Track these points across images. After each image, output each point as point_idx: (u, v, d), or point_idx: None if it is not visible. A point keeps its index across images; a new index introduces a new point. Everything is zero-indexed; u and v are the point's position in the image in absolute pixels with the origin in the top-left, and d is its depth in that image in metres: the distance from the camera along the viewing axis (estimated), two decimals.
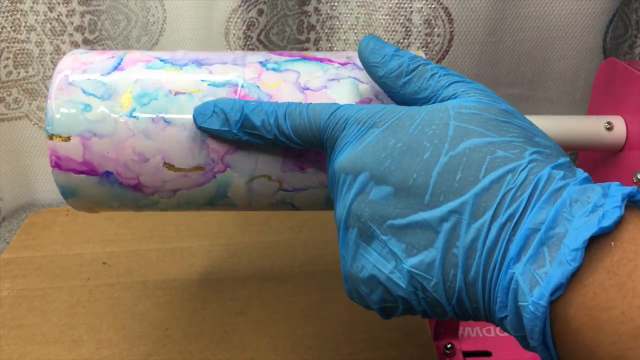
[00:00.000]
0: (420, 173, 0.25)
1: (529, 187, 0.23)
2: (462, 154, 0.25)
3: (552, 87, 0.61)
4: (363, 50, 0.31)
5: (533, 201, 0.23)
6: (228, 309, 0.48)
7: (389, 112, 0.27)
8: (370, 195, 0.26)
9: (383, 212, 0.26)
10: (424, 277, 0.25)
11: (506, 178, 0.24)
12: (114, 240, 0.57)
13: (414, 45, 0.57)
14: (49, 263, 0.53)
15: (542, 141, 0.26)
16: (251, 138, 0.31)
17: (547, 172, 0.24)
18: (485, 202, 0.24)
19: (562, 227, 0.22)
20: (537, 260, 0.22)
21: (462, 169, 0.24)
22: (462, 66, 0.59)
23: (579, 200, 0.22)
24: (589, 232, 0.21)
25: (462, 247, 0.24)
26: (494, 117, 0.26)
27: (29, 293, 0.50)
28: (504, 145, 0.25)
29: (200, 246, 0.55)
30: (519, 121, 0.26)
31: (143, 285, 0.50)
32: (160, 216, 0.59)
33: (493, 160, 0.24)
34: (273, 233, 0.57)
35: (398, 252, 0.26)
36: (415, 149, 0.26)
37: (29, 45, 0.59)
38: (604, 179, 0.42)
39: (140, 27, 0.60)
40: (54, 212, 0.61)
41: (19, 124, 0.62)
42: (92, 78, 0.33)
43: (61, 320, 0.47)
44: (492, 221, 0.23)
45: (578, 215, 0.22)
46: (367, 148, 0.27)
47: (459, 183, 0.24)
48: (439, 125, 0.26)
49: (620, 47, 0.62)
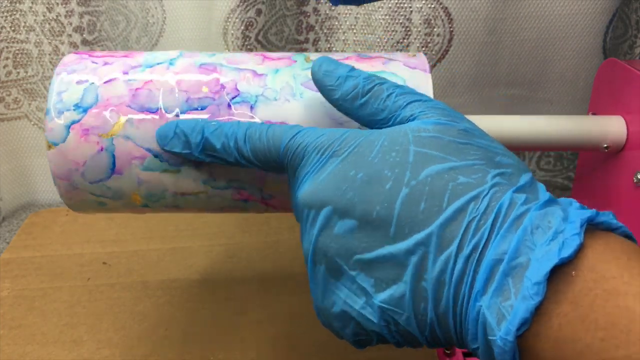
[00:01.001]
0: (383, 205, 0.25)
1: (491, 214, 0.23)
2: (424, 182, 0.24)
3: (552, 88, 0.61)
4: (316, 72, 0.30)
5: (496, 229, 0.23)
6: (228, 309, 0.48)
7: (349, 138, 0.27)
8: (335, 229, 0.26)
9: (349, 246, 0.26)
10: (395, 312, 0.25)
11: (469, 206, 0.24)
12: (114, 240, 0.57)
13: (414, 45, 0.57)
14: (49, 263, 0.53)
15: (503, 160, 0.26)
16: (213, 160, 0.31)
17: (508, 197, 0.23)
18: (451, 232, 0.24)
19: (524, 256, 0.22)
20: (502, 293, 0.22)
21: (426, 199, 0.24)
22: (462, 66, 0.59)
23: (540, 227, 0.22)
24: (550, 264, 0.21)
25: (430, 280, 0.24)
26: (453, 140, 0.26)
27: (29, 293, 0.50)
28: (465, 169, 0.25)
29: (200, 246, 0.55)
30: (479, 140, 0.26)
31: (143, 285, 0.50)
32: (160, 216, 0.59)
33: (455, 187, 0.24)
34: (273, 233, 0.57)
35: (367, 287, 0.25)
36: (377, 179, 0.25)
37: (28, 46, 0.59)
38: (604, 179, 0.42)
39: (140, 28, 0.60)
40: (54, 212, 0.61)
41: (19, 124, 0.62)
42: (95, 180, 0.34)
43: (61, 320, 0.47)
44: (457, 252, 0.23)
45: (539, 244, 0.22)
46: (328, 179, 0.26)
47: (423, 214, 0.24)
48: (398, 152, 0.25)
49: (620, 47, 0.62)
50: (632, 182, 0.39)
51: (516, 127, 0.39)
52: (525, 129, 0.39)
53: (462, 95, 0.61)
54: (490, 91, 0.61)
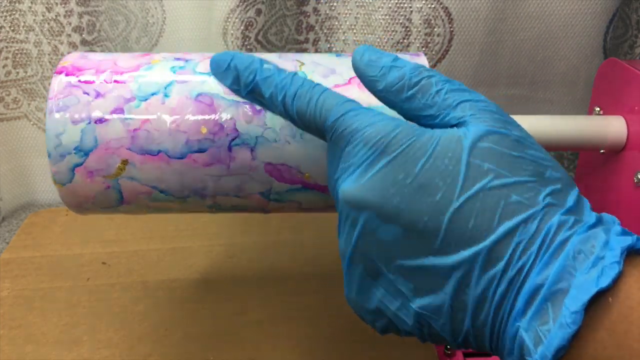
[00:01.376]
0: (431, 216, 0.24)
1: (538, 238, 0.24)
2: (476, 197, 0.24)
3: (552, 88, 0.61)
4: (358, 62, 0.29)
5: (541, 254, 0.23)
6: (228, 309, 0.47)
7: (400, 136, 0.25)
8: (377, 233, 0.25)
9: (391, 251, 0.25)
10: (431, 317, 0.25)
11: (519, 228, 0.24)
12: (114, 240, 0.56)
13: (414, 45, 0.57)
14: (49, 263, 0.53)
15: (553, 174, 0.26)
16: (261, 104, 0.30)
17: (556, 220, 0.24)
18: (498, 253, 0.24)
19: (565, 282, 0.22)
20: (541, 317, 0.22)
21: (476, 216, 0.24)
22: (462, 66, 0.59)
23: (583, 252, 0.23)
24: (588, 294, 0.22)
25: (472, 295, 0.24)
26: (507, 152, 0.25)
27: (29, 293, 0.50)
28: (518, 187, 0.24)
29: (201, 246, 0.55)
30: (531, 152, 0.26)
31: (143, 286, 0.50)
32: (160, 216, 0.59)
33: (507, 205, 0.24)
34: (273, 233, 0.57)
35: (406, 292, 0.26)
36: (427, 187, 0.25)
37: (27, 46, 0.59)
38: (604, 179, 0.42)
39: (140, 28, 0.60)
40: (54, 212, 0.61)
41: (19, 124, 0.62)
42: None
43: (61, 320, 0.47)
44: (502, 274, 0.24)
45: (580, 270, 0.22)
46: (374, 181, 0.25)
47: (472, 232, 0.24)
48: (451, 160, 0.25)
49: (620, 47, 0.62)
50: (633, 182, 0.39)
51: None
52: (525, 128, 0.39)
53: None
54: (490, 91, 0.61)
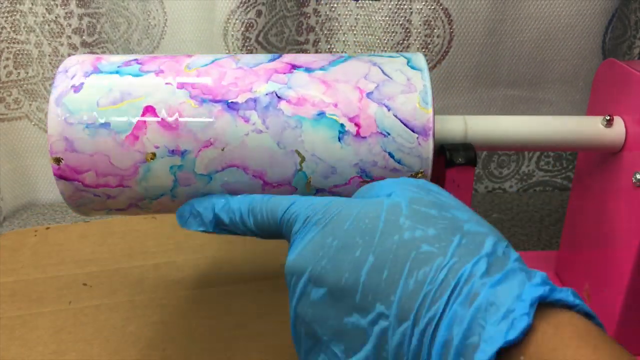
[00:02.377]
0: (351, 272, 0.25)
1: (448, 288, 0.23)
2: (389, 250, 0.25)
3: (552, 88, 0.61)
4: None
5: (450, 303, 0.23)
6: (226, 324, 0.46)
7: (331, 207, 0.28)
8: (311, 296, 0.27)
9: (323, 313, 0.26)
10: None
11: (428, 277, 0.23)
12: (90, 259, 0.54)
13: (414, 46, 0.57)
14: (23, 288, 0.50)
15: (472, 228, 0.25)
16: (228, 233, 0.33)
17: (467, 269, 0.23)
18: (408, 304, 0.24)
19: (476, 336, 0.22)
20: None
21: (388, 267, 0.25)
22: (462, 67, 0.59)
23: (494, 304, 0.22)
24: (495, 346, 0.21)
25: (390, 351, 0.24)
26: (424, 210, 0.26)
27: (7, 322, 0.46)
28: (430, 238, 0.25)
29: (186, 260, 0.53)
30: (452, 211, 0.26)
31: (131, 305, 0.48)
32: (138, 232, 0.57)
33: (417, 255, 0.24)
34: (260, 242, 0.54)
35: (339, 353, 0.26)
36: (349, 246, 0.26)
37: (28, 46, 0.59)
38: (603, 179, 0.43)
39: (141, 30, 0.60)
40: (21, 234, 0.58)
41: (19, 124, 0.63)
42: None
43: (47, 348, 0.44)
44: (414, 326, 0.23)
45: (490, 323, 0.21)
46: (308, 247, 0.27)
47: (385, 282, 0.24)
48: (371, 219, 0.26)
49: (619, 48, 0.62)
50: (631, 182, 0.39)
51: (516, 127, 0.39)
52: (524, 129, 0.39)
53: (462, 95, 0.61)
54: (490, 92, 0.62)
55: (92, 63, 0.35)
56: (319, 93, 0.33)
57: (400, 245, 0.25)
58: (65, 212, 0.64)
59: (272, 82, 0.34)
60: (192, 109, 0.33)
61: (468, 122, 0.38)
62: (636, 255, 0.38)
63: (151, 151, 0.33)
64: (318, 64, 0.35)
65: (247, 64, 0.35)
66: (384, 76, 0.34)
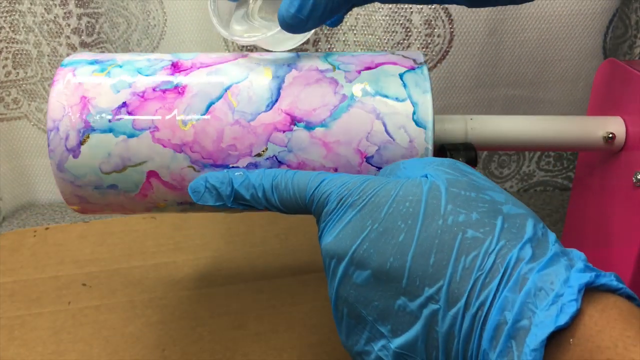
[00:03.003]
0: (396, 257, 0.26)
1: (497, 273, 0.24)
2: (434, 235, 0.25)
3: (552, 88, 0.61)
4: None
5: (501, 289, 0.24)
6: (225, 324, 0.46)
7: (367, 188, 0.28)
8: (354, 278, 0.27)
9: (367, 295, 0.27)
10: (409, 356, 0.26)
11: (477, 263, 0.24)
12: (90, 259, 0.54)
13: (414, 45, 0.57)
14: (22, 288, 0.50)
15: (511, 210, 0.26)
16: (246, 208, 0.32)
17: (515, 254, 0.24)
18: (459, 289, 0.25)
19: (526, 319, 0.23)
20: (507, 354, 0.23)
21: (435, 252, 0.25)
22: (462, 67, 0.59)
23: (543, 289, 0.23)
24: (546, 332, 0.22)
25: (441, 333, 0.25)
26: (463, 193, 0.27)
27: (6, 322, 0.47)
28: (473, 223, 0.25)
29: (185, 260, 0.53)
30: (489, 193, 0.27)
31: (130, 305, 0.48)
32: (137, 232, 0.57)
33: (464, 241, 0.25)
34: (259, 242, 0.56)
35: (385, 332, 0.27)
36: (391, 230, 0.26)
37: (27, 46, 0.59)
38: (604, 179, 0.42)
39: (141, 30, 0.60)
40: (20, 234, 0.58)
41: (19, 124, 0.63)
42: None
43: (46, 348, 0.44)
44: (465, 310, 0.24)
45: (540, 308, 0.23)
46: (347, 230, 0.28)
47: (433, 267, 0.25)
48: (412, 202, 0.27)
49: (620, 47, 0.62)
50: (632, 182, 0.39)
51: (516, 127, 0.39)
52: (525, 129, 0.39)
53: (463, 95, 0.61)
54: (490, 92, 0.61)
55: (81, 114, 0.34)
56: (320, 157, 0.34)
57: (444, 230, 0.25)
58: (64, 212, 0.64)
59: (271, 144, 0.34)
60: (194, 173, 0.34)
61: (468, 122, 0.38)
62: (637, 255, 0.38)
63: (162, 203, 0.36)
64: (319, 115, 0.34)
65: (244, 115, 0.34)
66: (386, 136, 0.34)
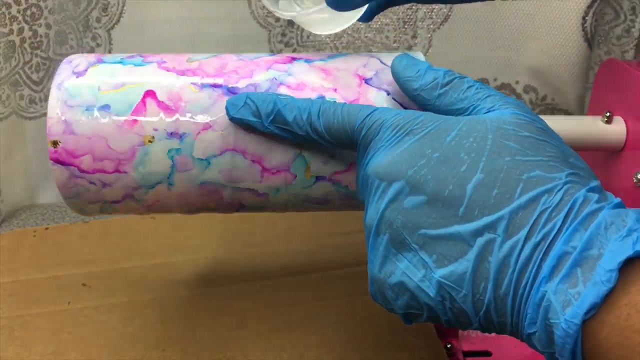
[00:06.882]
0: (456, 185, 0.26)
1: (564, 208, 0.24)
2: (500, 169, 0.25)
3: (552, 87, 0.62)
4: (397, 65, 0.31)
5: (568, 222, 0.24)
6: (225, 324, 0.46)
7: (427, 119, 0.28)
8: (404, 203, 0.27)
9: (416, 220, 0.26)
10: (453, 288, 0.25)
11: (542, 198, 0.24)
12: (89, 260, 0.53)
13: (416, 47, 0.56)
14: (22, 289, 0.50)
15: (576, 162, 0.26)
16: (282, 133, 0.31)
17: (582, 194, 0.24)
18: (521, 220, 0.24)
19: (596, 249, 0.23)
20: (570, 280, 0.23)
21: (499, 185, 0.25)
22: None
23: (614, 224, 0.23)
24: (625, 255, 0.22)
25: (494, 262, 0.25)
26: (531, 135, 0.26)
27: (5, 322, 0.46)
28: (541, 164, 0.25)
29: (185, 261, 0.53)
30: (554, 141, 0.27)
31: (130, 305, 0.48)
32: (137, 232, 0.57)
33: (530, 178, 0.25)
34: (258, 243, 0.55)
35: (429, 262, 0.26)
36: (452, 160, 0.26)
37: (12, 37, 0.57)
38: (604, 179, 0.43)
39: (100, 8, 0.59)
40: (20, 234, 0.58)
41: (19, 124, 0.61)
42: None
43: (46, 349, 0.44)
44: (526, 239, 0.24)
45: (613, 239, 0.23)
46: (403, 155, 0.27)
47: (495, 199, 0.25)
48: (476, 138, 0.26)
49: (612, 32, 0.62)
50: (632, 182, 0.40)
51: None
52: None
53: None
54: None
55: (97, 57, 0.36)
56: (319, 79, 0.34)
57: (511, 166, 0.25)
58: (64, 212, 0.64)
59: (272, 70, 0.34)
60: (192, 94, 0.33)
61: None
62: None
63: (150, 134, 0.33)
64: (318, 56, 0.36)
65: (249, 57, 0.35)
66: (383, 65, 0.35)
